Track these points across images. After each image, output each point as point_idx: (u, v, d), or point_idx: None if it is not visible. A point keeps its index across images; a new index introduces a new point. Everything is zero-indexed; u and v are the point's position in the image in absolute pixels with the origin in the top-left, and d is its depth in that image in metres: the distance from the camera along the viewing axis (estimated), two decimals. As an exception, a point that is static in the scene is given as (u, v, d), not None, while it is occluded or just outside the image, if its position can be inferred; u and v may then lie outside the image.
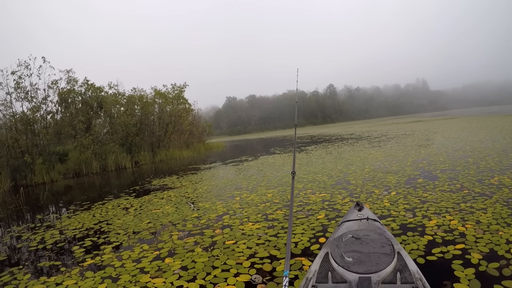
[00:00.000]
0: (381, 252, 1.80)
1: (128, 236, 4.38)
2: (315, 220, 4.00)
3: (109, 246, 4.08)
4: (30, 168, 13.50)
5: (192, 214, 5.07)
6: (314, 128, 68.72)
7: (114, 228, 4.90)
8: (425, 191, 4.83)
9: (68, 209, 7.19)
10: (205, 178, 9.07)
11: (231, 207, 5.15)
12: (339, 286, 1.62)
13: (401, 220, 3.66)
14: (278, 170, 8.89)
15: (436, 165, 6.89)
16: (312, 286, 1.64)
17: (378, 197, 4.75)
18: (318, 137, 26.64)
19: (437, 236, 3.13)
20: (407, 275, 1.63)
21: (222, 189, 6.98)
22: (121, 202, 7.01)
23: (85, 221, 5.64)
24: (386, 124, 38.21)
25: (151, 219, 5.10)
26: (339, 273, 1.68)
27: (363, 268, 1.66)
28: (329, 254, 1.85)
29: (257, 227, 3.93)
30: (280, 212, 4.54)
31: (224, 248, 3.40)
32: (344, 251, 1.84)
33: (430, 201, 4.30)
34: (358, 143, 15.28)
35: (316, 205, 4.67)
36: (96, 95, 19.22)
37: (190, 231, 4.20)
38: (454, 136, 13.61)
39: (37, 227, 5.75)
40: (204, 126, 29.17)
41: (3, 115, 14.74)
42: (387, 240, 1.95)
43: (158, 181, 9.74)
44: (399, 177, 6.05)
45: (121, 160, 16.85)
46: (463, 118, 31.66)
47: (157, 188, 8.33)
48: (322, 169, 8.04)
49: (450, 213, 3.74)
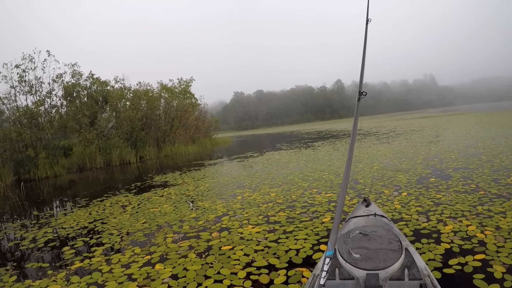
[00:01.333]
0: (388, 249, 1.76)
1: (121, 238, 4.15)
2: (320, 223, 3.71)
3: (100, 248, 3.86)
4: (34, 163, 13.39)
5: (191, 214, 4.81)
6: (322, 123, 68.26)
7: (108, 228, 4.69)
8: (438, 191, 4.51)
9: (66, 206, 7.01)
10: (208, 175, 8.82)
11: (231, 207, 4.88)
12: (346, 282, 1.60)
13: (414, 225, 3.36)
14: (283, 167, 8.59)
15: (448, 163, 6.55)
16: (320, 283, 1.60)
17: (388, 198, 4.44)
18: (325, 132, 26.24)
19: (454, 245, 2.83)
20: (415, 272, 1.60)
21: (224, 187, 6.72)
22: (120, 199, 6.80)
23: (81, 219, 5.45)
24: (394, 120, 37.65)
25: (148, 219, 4.87)
26: (347, 270, 1.65)
27: (370, 265, 1.62)
28: (336, 251, 1.80)
29: (257, 231, 3.65)
30: (283, 214, 4.24)
31: (219, 254, 3.14)
32: (352, 248, 1.79)
33: (444, 203, 3.98)
34: (366, 139, 14.90)
35: (322, 207, 4.38)
36: (102, 89, 19.07)
37: (186, 233, 3.95)
38: (464, 132, 13.18)
39: (32, 224, 5.61)
40: (210, 121, 28.95)
41: (7, 108, 14.66)
42: (394, 236, 1.90)
43: (160, 177, 9.52)
44: (410, 176, 5.72)
45: (125, 155, 16.70)
46: (472, 114, 31.01)
47: (158, 185, 8.11)
48: (328, 167, 7.74)
49: (466, 217, 3.43)
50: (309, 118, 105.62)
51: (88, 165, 15.33)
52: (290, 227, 3.65)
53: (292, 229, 3.58)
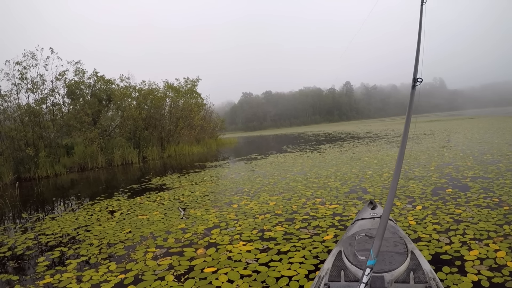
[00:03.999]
0: (394, 251, 1.74)
1: (100, 250, 3.73)
2: (320, 242, 3.22)
3: (76, 261, 3.46)
4: (34, 161, 13.11)
5: (179, 224, 4.36)
6: (330, 125, 67.46)
7: (90, 237, 4.28)
8: (457, 205, 3.99)
9: (56, 209, 6.63)
10: (207, 178, 8.37)
11: (224, 218, 4.42)
12: (351, 285, 1.57)
13: (435, 247, 2.86)
14: (287, 171, 8.11)
15: (464, 171, 6.01)
16: (325, 284, 1.59)
17: (400, 212, 3.93)
18: (333, 135, 25.66)
19: (483, 277, 2.33)
20: (421, 275, 1.57)
21: (220, 193, 6.27)
22: (111, 203, 6.40)
23: (66, 225, 5.08)
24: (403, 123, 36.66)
25: (133, 228, 4.44)
26: (352, 272, 1.63)
27: (376, 267, 1.56)
28: (342, 253, 1.80)
29: (248, 249, 3.18)
30: (280, 228, 3.75)
31: (200, 278, 2.67)
32: (357, 250, 1.77)
33: (465, 220, 3.47)
34: (375, 143, 14.34)
35: (325, 221, 3.89)
36: (106, 88, 18.76)
37: (170, 248, 3.51)
38: (477, 137, 12.56)
39: (16, 228, 5.25)
40: (216, 121, 28.52)
41: (8, 106, 14.41)
42: (400, 239, 1.88)
43: (158, 179, 9.11)
44: (424, 185, 5.19)
45: (127, 154, 16.35)
46: (482, 118, 30.23)
47: (154, 188, 7.69)
48: (335, 172, 7.23)
49: (493, 240, 2.93)
50: (317, 120, 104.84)
51: (90, 165, 15.00)
52: (286, 246, 3.17)
53: (288, 249, 3.10)
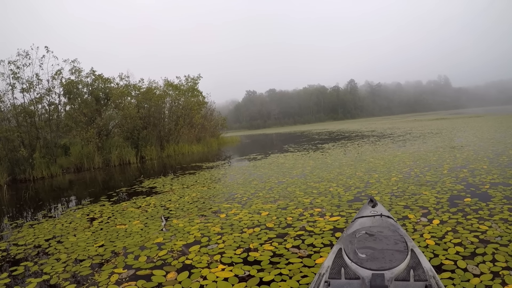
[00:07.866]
0: (394, 249, 1.71)
1: (65, 267, 3.22)
2: (311, 266, 2.65)
3: (36, 280, 3.00)
4: (29, 162, 12.67)
5: (157, 237, 3.81)
6: (334, 123, 66.76)
7: (60, 250, 3.78)
8: (480, 219, 3.39)
9: (38, 215, 6.13)
10: (200, 181, 7.81)
11: (208, 231, 3.86)
12: (352, 282, 1.55)
13: (461, 280, 2.27)
14: (285, 173, 7.54)
15: (481, 176, 5.41)
16: (325, 282, 1.56)
17: (414, 228, 3.31)
18: (337, 133, 25.03)
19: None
20: (421, 273, 1.54)
21: (210, 199, 5.71)
22: (94, 209, 5.89)
23: (41, 234, 4.63)
24: (409, 121, 36.14)
25: (107, 241, 3.91)
26: (352, 269, 1.61)
27: (376, 265, 1.58)
28: (342, 250, 1.78)
29: (225, 276, 2.61)
30: (269, 248, 3.15)
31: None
32: (358, 247, 1.75)
33: (492, 240, 2.87)
34: (381, 142, 13.71)
35: (322, 238, 3.28)
36: (104, 87, 18.24)
37: (138, 269, 2.96)
38: (487, 136, 11.89)
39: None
40: (217, 120, 27.97)
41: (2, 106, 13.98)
42: (400, 237, 1.85)
43: (149, 181, 8.58)
44: (438, 193, 4.58)
45: (125, 154, 15.88)
46: (489, 116, 29.55)
47: (142, 192, 7.16)
48: (337, 176, 6.65)
49: (531, 267, 2.35)
50: (321, 118, 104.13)
51: (86, 165, 14.56)
52: (270, 274, 2.59)
53: (272, 278, 2.53)
